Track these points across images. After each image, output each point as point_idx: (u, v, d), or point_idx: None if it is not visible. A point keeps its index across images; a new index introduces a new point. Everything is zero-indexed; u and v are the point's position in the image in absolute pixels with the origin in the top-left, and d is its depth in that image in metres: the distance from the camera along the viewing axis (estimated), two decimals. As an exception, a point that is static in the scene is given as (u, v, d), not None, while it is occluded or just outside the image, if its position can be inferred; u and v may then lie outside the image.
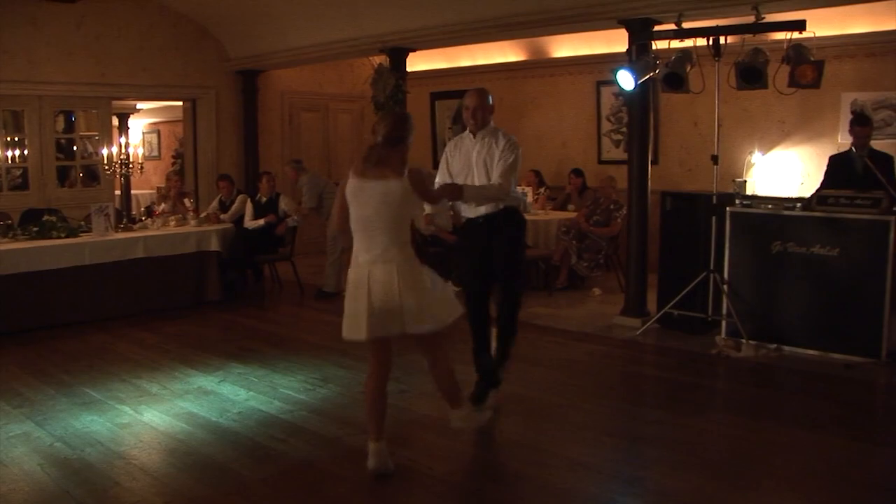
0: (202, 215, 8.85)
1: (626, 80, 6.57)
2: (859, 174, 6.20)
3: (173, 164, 14.82)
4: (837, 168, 6.69)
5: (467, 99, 4.75)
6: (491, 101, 4.77)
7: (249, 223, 8.85)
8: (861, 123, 6.53)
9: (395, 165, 3.85)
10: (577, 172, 9.57)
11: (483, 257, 4.79)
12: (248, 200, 9.04)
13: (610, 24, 7.10)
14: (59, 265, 7.21)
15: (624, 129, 9.51)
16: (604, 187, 8.75)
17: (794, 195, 7.15)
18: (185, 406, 5.13)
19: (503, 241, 4.75)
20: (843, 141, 7.88)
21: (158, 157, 15.74)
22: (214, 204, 9.23)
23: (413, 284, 3.82)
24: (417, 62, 10.41)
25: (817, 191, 6.36)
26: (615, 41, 7.83)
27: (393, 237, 3.83)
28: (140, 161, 9.29)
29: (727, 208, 6.47)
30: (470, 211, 4.78)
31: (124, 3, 9.92)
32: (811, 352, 6.03)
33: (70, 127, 10.54)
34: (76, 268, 7.32)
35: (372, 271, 3.80)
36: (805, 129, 8.53)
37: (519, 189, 9.21)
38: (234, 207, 9.03)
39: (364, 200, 3.82)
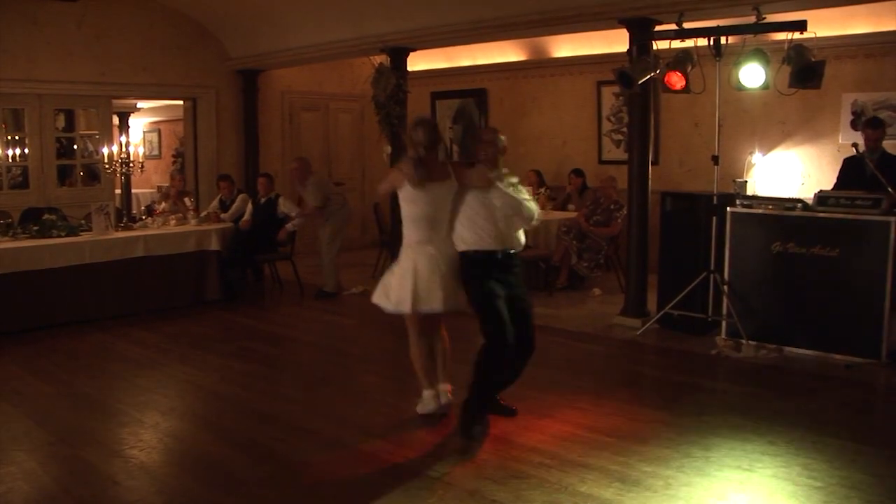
0: (202, 214, 8.85)
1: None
2: (868, 177, 6.19)
3: (174, 162, 14.83)
4: (849, 170, 6.68)
5: (483, 132, 5.05)
6: (503, 144, 4.67)
7: (242, 225, 8.79)
8: (873, 126, 6.54)
9: (442, 166, 4.59)
10: (578, 172, 9.57)
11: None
12: (250, 201, 9.02)
13: (610, 23, 7.09)
14: (59, 264, 7.21)
15: (624, 129, 9.50)
16: (604, 187, 8.75)
17: (795, 196, 7.14)
18: (183, 405, 5.13)
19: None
20: (844, 142, 7.88)
21: (159, 156, 15.75)
22: (215, 203, 9.22)
23: (455, 269, 4.55)
24: (418, 62, 10.41)
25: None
26: (616, 41, 7.82)
27: (447, 228, 4.55)
28: (140, 160, 9.27)
29: (727, 208, 6.46)
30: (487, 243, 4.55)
31: (125, 2, 9.92)
32: (811, 352, 6.03)
33: (70, 126, 10.54)
34: (76, 267, 7.32)
35: (436, 256, 4.48)
36: (805, 129, 8.53)
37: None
38: (234, 207, 9.01)
39: (429, 200, 4.49)
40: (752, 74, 6.24)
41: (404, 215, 4.60)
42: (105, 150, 8.91)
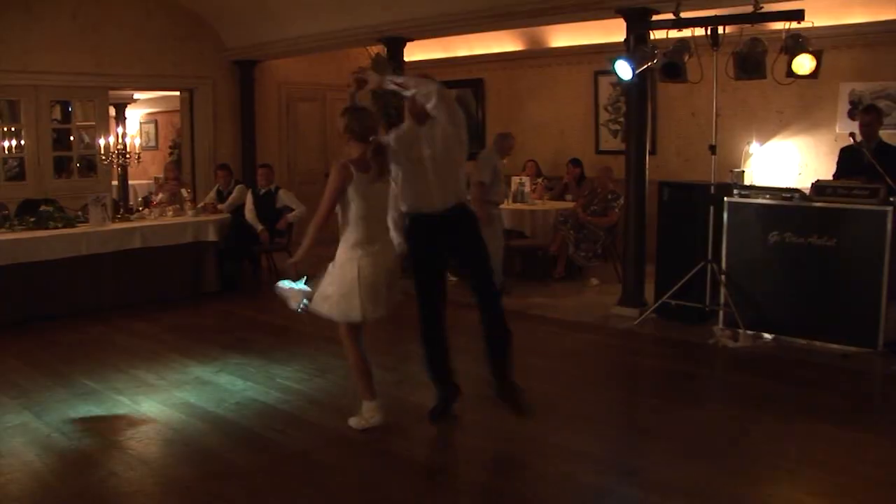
0: (199, 205, 8.82)
1: (623, 69, 6.54)
2: (865, 166, 6.17)
3: (170, 154, 14.80)
4: (847, 160, 6.67)
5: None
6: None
7: (249, 215, 8.71)
8: (864, 111, 6.50)
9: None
10: (575, 162, 9.57)
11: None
12: (250, 191, 8.96)
13: (608, 13, 7.07)
14: (56, 256, 7.18)
15: (622, 119, 9.49)
16: (601, 177, 8.74)
17: (792, 185, 7.14)
18: (182, 396, 5.13)
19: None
20: (842, 131, 7.87)
21: (156, 148, 15.71)
22: (212, 194, 9.20)
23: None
24: (415, 52, 10.38)
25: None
26: (613, 31, 7.80)
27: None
28: (137, 151, 9.25)
29: (725, 198, 6.46)
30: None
31: (120, -7, 9.89)
32: (808, 342, 6.03)
33: (67, 117, 10.50)
34: (73, 258, 7.30)
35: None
36: (803, 119, 8.52)
37: (517, 178, 9.26)
38: (232, 197, 8.97)
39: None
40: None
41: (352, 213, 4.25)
42: (102, 142, 8.89)
